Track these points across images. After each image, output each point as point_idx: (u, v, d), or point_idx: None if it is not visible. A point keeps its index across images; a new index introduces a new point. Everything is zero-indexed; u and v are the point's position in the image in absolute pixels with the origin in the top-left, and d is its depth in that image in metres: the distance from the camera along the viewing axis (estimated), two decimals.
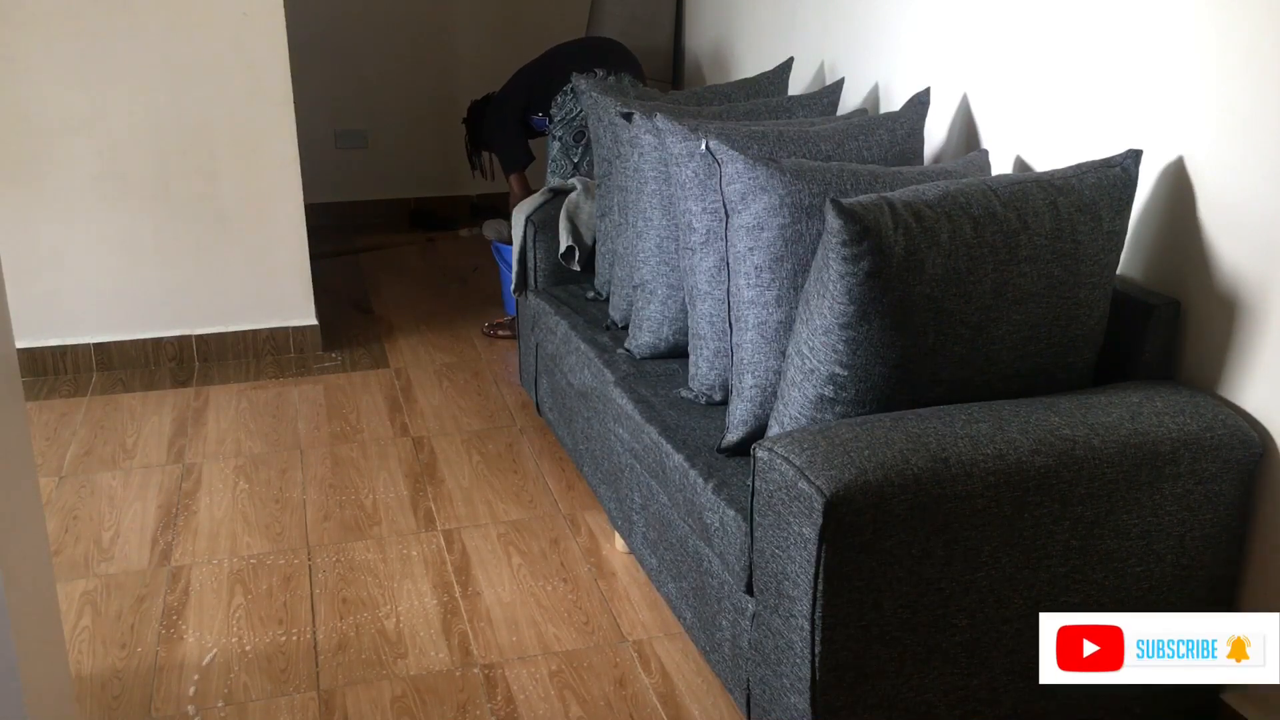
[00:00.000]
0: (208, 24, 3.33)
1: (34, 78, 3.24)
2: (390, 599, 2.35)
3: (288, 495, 2.78)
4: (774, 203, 1.87)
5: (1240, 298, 1.75)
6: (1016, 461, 1.58)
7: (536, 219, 3.02)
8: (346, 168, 5.13)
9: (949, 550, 1.58)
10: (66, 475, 2.88)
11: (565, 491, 2.80)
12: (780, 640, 1.65)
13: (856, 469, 1.53)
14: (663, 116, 2.16)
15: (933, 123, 2.45)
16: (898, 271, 1.62)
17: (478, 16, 5.06)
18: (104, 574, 2.44)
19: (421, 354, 3.71)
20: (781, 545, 1.60)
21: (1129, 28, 1.92)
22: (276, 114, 3.45)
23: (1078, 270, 1.74)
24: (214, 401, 3.33)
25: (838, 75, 2.88)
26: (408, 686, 2.09)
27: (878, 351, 1.66)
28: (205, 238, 3.52)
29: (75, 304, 3.47)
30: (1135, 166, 1.80)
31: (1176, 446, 1.66)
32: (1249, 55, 1.69)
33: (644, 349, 2.42)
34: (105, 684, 2.09)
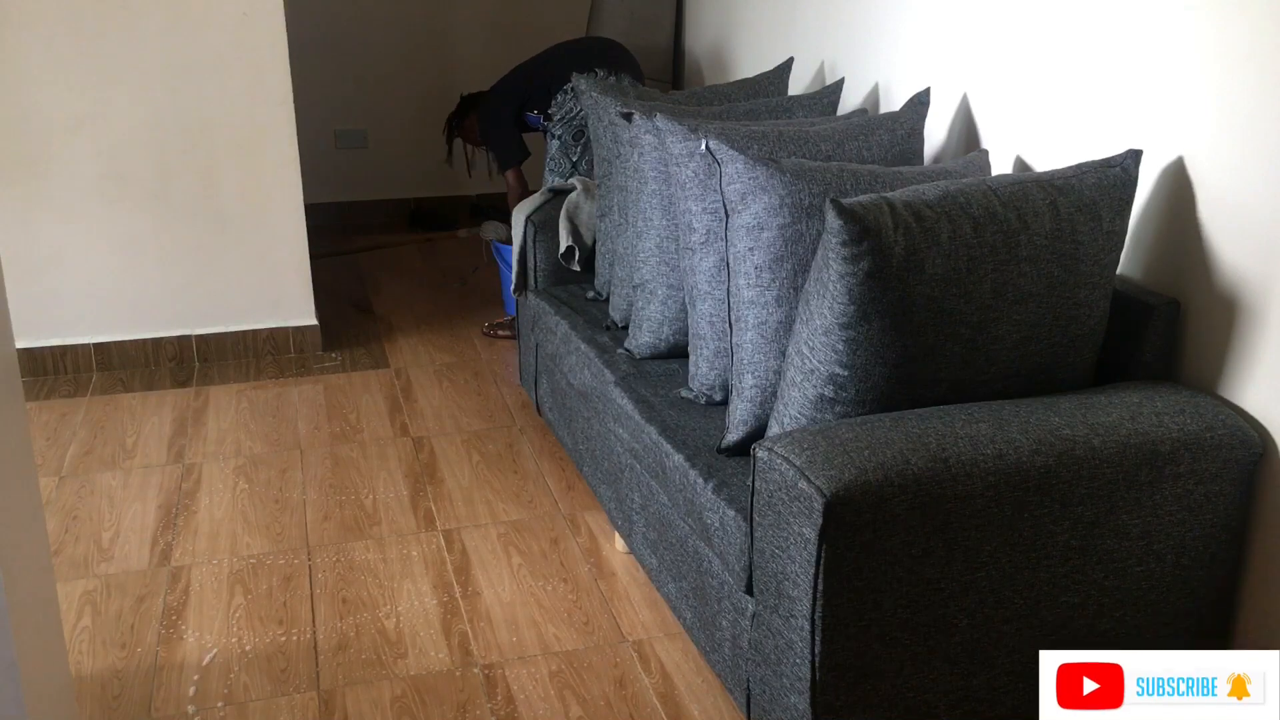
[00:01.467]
0: (208, 24, 3.33)
1: (34, 78, 3.24)
2: (390, 599, 2.35)
3: (288, 495, 2.78)
4: (774, 203, 1.87)
5: (1240, 298, 1.75)
6: (1016, 461, 1.58)
7: (536, 219, 3.02)
8: (346, 168, 5.13)
9: (949, 550, 1.58)
10: (66, 475, 2.88)
11: (565, 491, 2.80)
12: (780, 640, 1.65)
13: (856, 469, 1.53)
14: (663, 116, 2.16)
15: (933, 123, 2.45)
16: (898, 271, 1.62)
17: (478, 16, 5.06)
18: (104, 574, 2.44)
19: (421, 354, 3.71)
20: (781, 545, 1.60)
21: (1129, 27, 1.92)
22: (276, 114, 3.45)
23: (1078, 270, 1.74)
24: (214, 401, 3.33)
25: (838, 75, 2.89)
26: (408, 686, 2.09)
27: (878, 351, 1.66)
28: (205, 238, 3.52)
29: (75, 304, 3.47)
30: (1135, 166, 1.80)
31: (1176, 446, 1.66)
32: (1249, 55, 1.69)
33: (644, 349, 2.42)
34: (105, 684, 2.09)
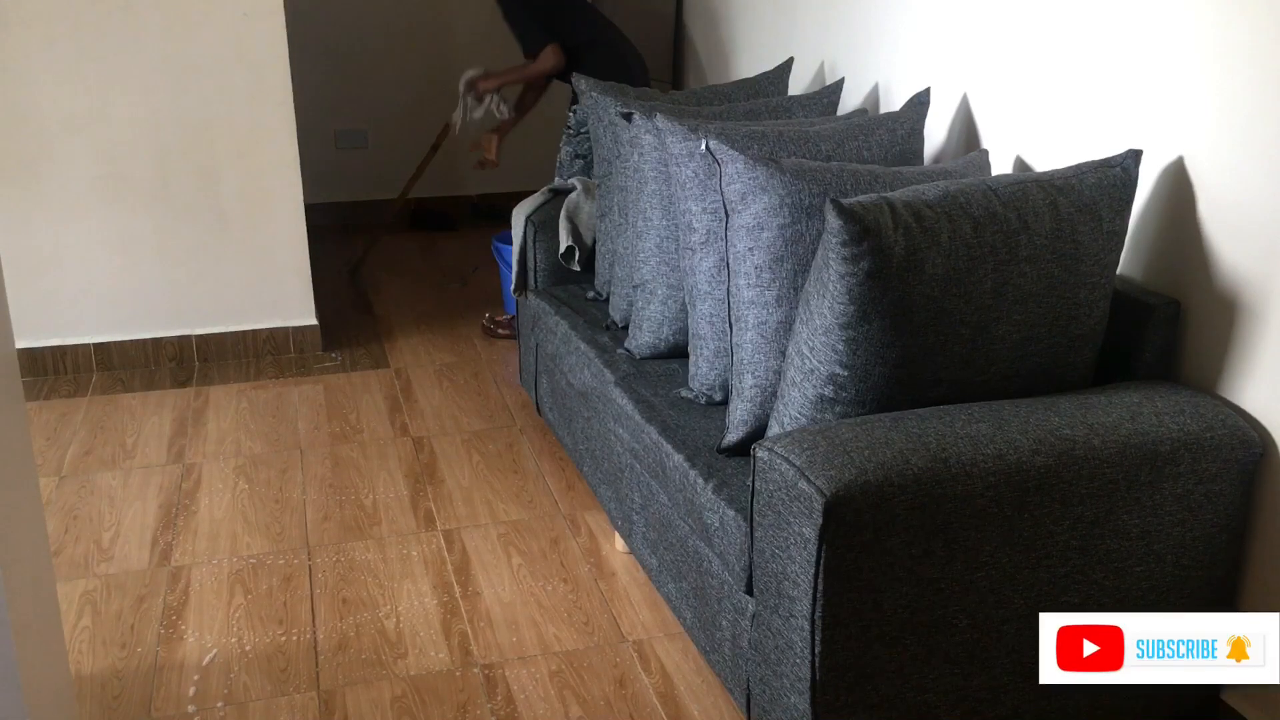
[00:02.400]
0: (208, 24, 3.33)
1: (34, 78, 3.24)
2: (390, 599, 2.35)
3: (288, 495, 2.78)
4: (774, 203, 1.87)
5: (1240, 298, 1.75)
6: (1016, 461, 1.58)
7: (536, 219, 3.02)
8: (346, 168, 5.13)
9: (949, 550, 1.58)
10: (66, 475, 2.88)
11: (565, 491, 2.80)
12: (780, 640, 1.65)
13: (856, 469, 1.53)
14: (663, 116, 2.16)
15: (933, 123, 2.45)
16: (898, 271, 1.62)
17: (478, 16, 5.06)
18: (104, 574, 2.44)
19: (421, 354, 3.71)
20: (781, 545, 1.60)
21: (1129, 27, 1.92)
22: (276, 114, 3.45)
23: (1078, 270, 1.74)
24: (214, 401, 3.33)
25: (838, 75, 2.88)
26: (408, 686, 2.09)
27: (878, 351, 1.66)
28: (205, 238, 3.52)
29: (75, 304, 3.47)
30: (1135, 166, 1.80)
31: (1176, 446, 1.66)
32: (1249, 55, 1.69)
33: (644, 349, 2.42)
34: (105, 684, 2.09)
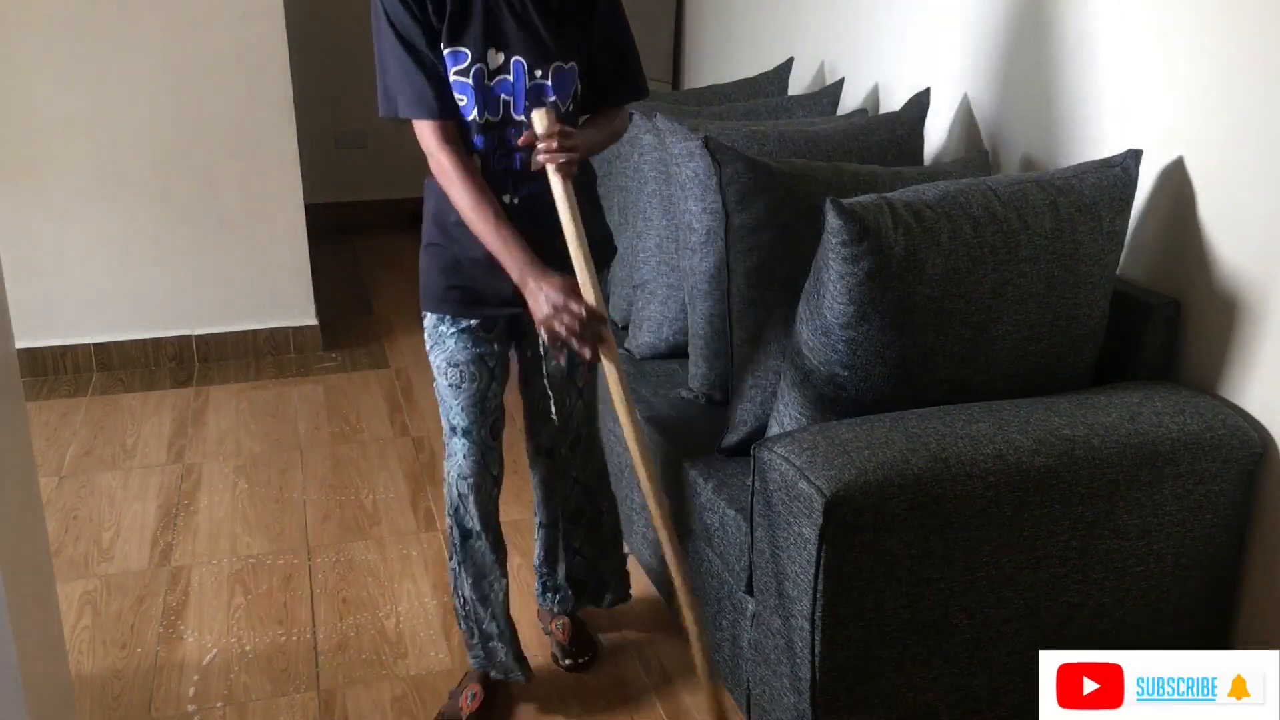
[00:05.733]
0: (208, 24, 3.33)
1: (34, 78, 3.24)
2: (390, 599, 2.35)
3: (288, 495, 2.78)
4: (774, 203, 1.87)
5: (1240, 298, 1.74)
6: (1016, 461, 1.58)
7: None
8: (346, 168, 5.13)
9: (949, 550, 1.58)
10: (66, 475, 2.88)
11: None
12: (780, 640, 1.65)
13: (856, 469, 1.53)
14: (663, 116, 2.16)
15: (933, 123, 2.45)
16: (898, 272, 1.62)
17: None
18: (104, 574, 2.44)
19: (421, 354, 3.68)
20: (781, 545, 1.60)
21: (1129, 28, 1.92)
22: (276, 114, 3.45)
23: (1078, 270, 1.74)
24: (214, 401, 3.33)
25: (838, 75, 2.88)
26: (408, 686, 2.09)
27: (878, 351, 1.66)
28: (205, 238, 3.52)
29: (75, 304, 3.47)
30: (1135, 166, 1.80)
31: (1176, 446, 1.66)
32: (1249, 55, 1.69)
33: (644, 349, 2.42)
34: (105, 684, 2.09)
